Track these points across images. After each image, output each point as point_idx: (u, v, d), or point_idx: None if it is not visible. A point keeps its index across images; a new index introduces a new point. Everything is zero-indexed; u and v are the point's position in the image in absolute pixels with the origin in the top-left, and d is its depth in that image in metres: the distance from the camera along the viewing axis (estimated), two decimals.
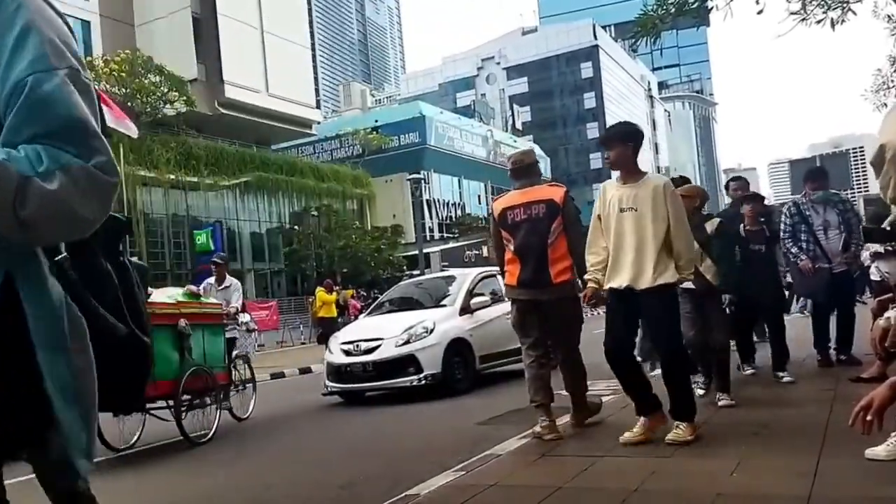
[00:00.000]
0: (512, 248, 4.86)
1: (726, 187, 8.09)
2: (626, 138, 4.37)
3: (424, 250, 29.29)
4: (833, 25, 6.04)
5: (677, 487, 3.57)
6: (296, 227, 33.27)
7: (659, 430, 4.38)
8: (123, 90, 25.83)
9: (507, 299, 5.48)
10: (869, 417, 2.07)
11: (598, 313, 6.52)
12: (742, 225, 6.30)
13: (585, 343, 5.22)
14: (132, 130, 24.08)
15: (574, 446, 4.65)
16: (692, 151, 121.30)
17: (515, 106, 73.87)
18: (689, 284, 4.77)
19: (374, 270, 33.15)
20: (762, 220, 6.50)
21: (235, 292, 8.24)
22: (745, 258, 6.00)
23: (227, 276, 8.49)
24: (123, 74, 25.83)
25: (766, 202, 7.00)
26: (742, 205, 6.56)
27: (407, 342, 8.18)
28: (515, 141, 58.65)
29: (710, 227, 5.45)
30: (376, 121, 44.84)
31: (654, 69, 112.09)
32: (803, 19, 5.94)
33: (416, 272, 25.19)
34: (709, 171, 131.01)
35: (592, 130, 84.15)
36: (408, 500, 3.80)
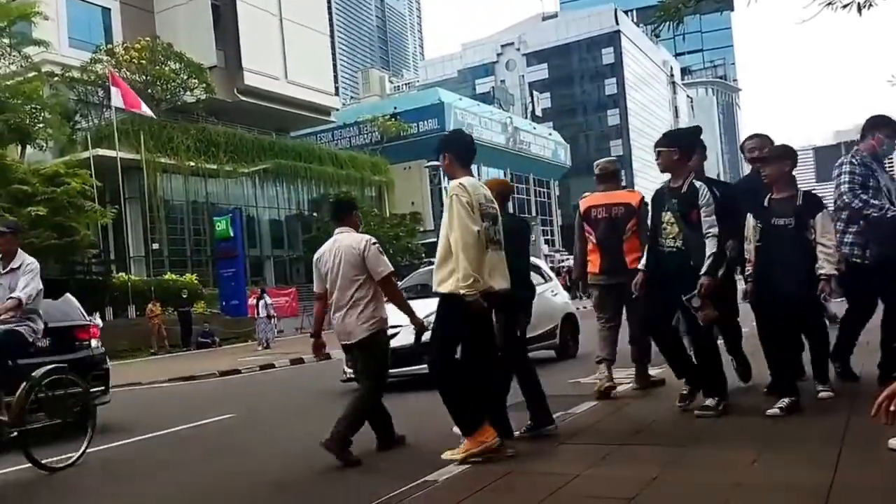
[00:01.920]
0: (594, 239, 5.74)
1: (741, 148, 6.09)
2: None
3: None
4: (860, 10, 5.88)
5: (695, 477, 3.53)
6: (314, 213, 33.41)
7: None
8: (143, 77, 26.04)
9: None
10: (892, 408, 2.02)
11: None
12: (769, 195, 4.84)
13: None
14: (147, 113, 24.02)
15: (592, 435, 4.63)
16: (715, 138, 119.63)
17: (535, 92, 73.34)
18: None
19: (393, 258, 33.18)
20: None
21: (25, 276, 5.75)
22: (764, 237, 4.75)
23: (21, 254, 5.94)
24: (143, 62, 26.05)
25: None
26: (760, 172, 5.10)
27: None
28: (535, 128, 58.34)
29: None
30: (395, 108, 44.77)
31: (676, 55, 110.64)
32: (829, 3, 5.77)
33: (434, 259, 25.20)
34: (732, 158, 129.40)
35: (613, 117, 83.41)
36: (426, 485, 3.80)
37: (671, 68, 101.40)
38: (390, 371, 8.39)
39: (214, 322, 22.25)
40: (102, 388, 7.39)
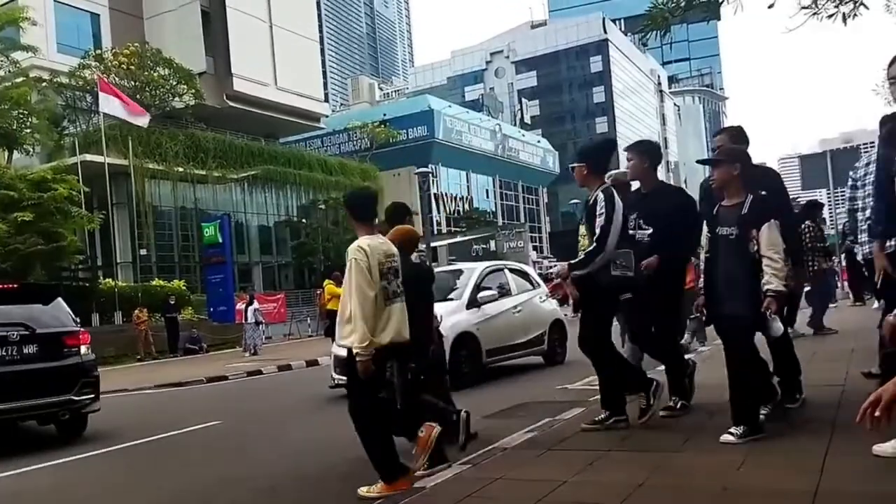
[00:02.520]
0: None
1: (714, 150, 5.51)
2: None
3: (432, 244, 29.28)
4: (845, 20, 5.94)
5: (683, 482, 3.56)
6: (304, 220, 33.32)
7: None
8: (132, 83, 25.90)
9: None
10: (877, 413, 2.05)
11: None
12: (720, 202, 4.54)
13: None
14: (145, 122, 23.76)
15: (580, 441, 4.63)
16: (702, 146, 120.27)
17: (524, 100, 73.61)
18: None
19: None
20: (756, 193, 4.37)
21: None
22: (711, 248, 4.46)
23: None
24: (132, 67, 25.91)
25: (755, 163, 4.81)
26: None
27: None
28: (524, 135, 58.56)
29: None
30: (384, 114, 44.79)
31: (664, 63, 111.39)
32: (815, 13, 5.83)
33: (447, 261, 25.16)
34: None
35: (602, 125, 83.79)
36: (414, 492, 3.81)
37: (658, 77, 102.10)
38: None
39: (202, 328, 22.12)
40: (92, 395, 7.34)
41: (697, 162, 5.28)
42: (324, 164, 35.37)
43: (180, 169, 27.25)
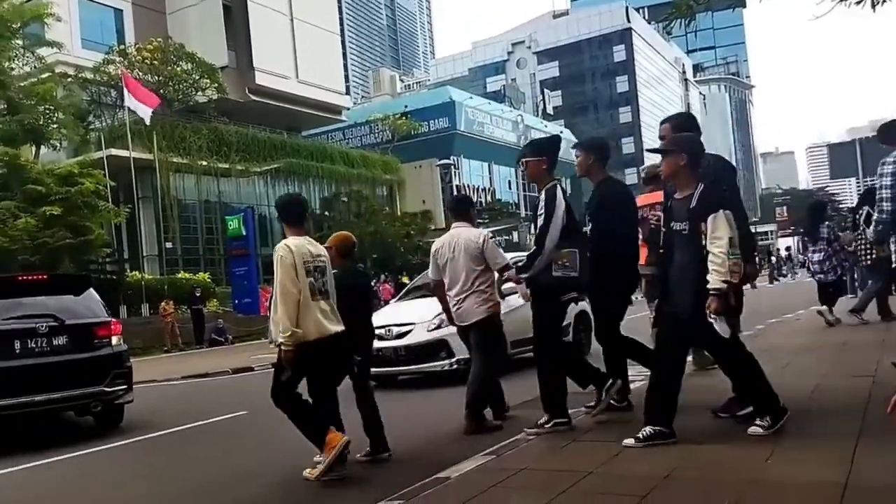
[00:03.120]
0: (641, 236, 5.96)
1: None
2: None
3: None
4: (874, 6, 5.78)
5: (709, 474, 3.50)
6: (326, 212, 33.47)
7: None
8: (156, 78, 26.16)
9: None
10: None
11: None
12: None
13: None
14: (146, 114, 23.80)
15: (604, 433, 4.59)
16: (728, 135, 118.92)
17: (546, 90, 73.13)
18: None
19: (404, 256, 33.23)
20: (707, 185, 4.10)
21: None
22: (665, 244, 4.31)
23: None
24: (155, 62, 26.14)
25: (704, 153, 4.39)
26: None
27: (438, 327, 8.14)
28: (546, 126, 58.18)
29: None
30: (406, 106, 44.72)
31: (688, 52, 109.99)
32: (842, 0, 5.69)
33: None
34: (745, 155, 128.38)
35: (625, 115, 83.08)
36: (438, 482, 3.81)
37: (683, 65, 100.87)
38: (403, 368, 8.54)
39: (227, 320, 22.35)
40: (125, 386, 7.25)
41: (648, 151, 5.20)
42: (346, 157, 35.49)
43: (204, 162, 27.52)
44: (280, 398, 4.59)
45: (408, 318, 8.59)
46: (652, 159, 6.63)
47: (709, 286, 3.88)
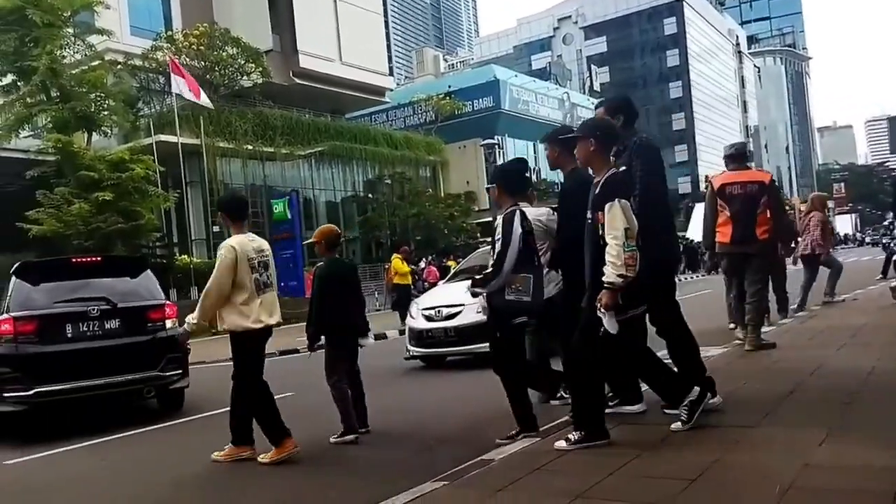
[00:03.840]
0: (728, 213, 6.46)
1: None
2: None
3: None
4: None
5: (761, 458, 3.39)
6: (370, 195, 33.58)
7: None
8: (202, 63, 26.46)
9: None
10: None
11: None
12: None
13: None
14: (206, 103, 24.08)
15: (651, 417, 4.47)
16: (784, 109, 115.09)
17: (593, 66, 71.67)
18: None
19: (448, 238, 33.11)
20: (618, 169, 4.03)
21: None
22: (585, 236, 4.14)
23: None
24: (202, 48, 26.43)
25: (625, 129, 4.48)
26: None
27: None
28: (593, 103, 57.06)
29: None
30: (449, 86, 44.34)
31: (742, 23, 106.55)
32: None
33: (490, 239, 24.99)
34: (801, 129, 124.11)
35: (675, 90, 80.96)
36: (482, 464, 3.79)
37: (737, 38, 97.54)
38: (452, 349, 8.53)
39: None
40: (180, 371, 7.11)
41: (560, 138, 4.72)
42: (389, 139, 35.46)
43: (249, 147, 27.81)
44: (241, 391, 5.02)
45: (457, 299, 8.56)
46: (730, 140, 6.53)
47: (603, 279, 3.69)
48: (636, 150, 4.40)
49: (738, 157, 6.86)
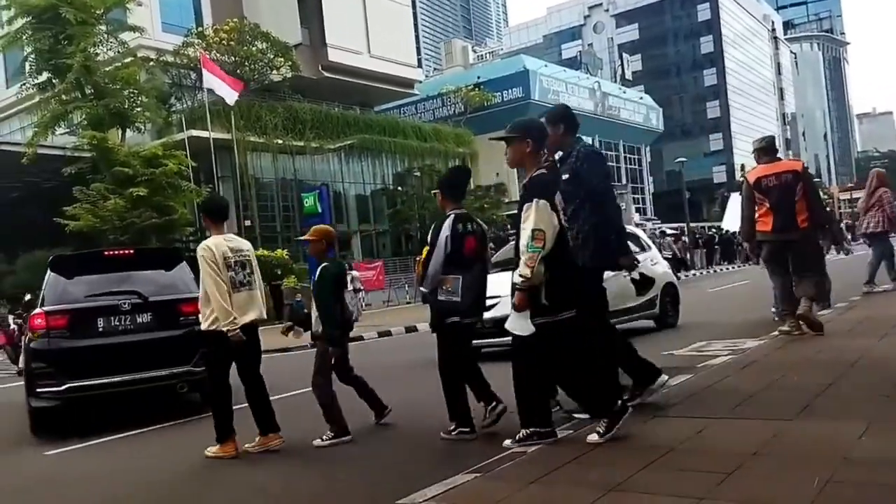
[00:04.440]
0: (768, 204, 6.62)
1: None
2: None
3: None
4: None
5: (800, 451, 3.31)
6: (399, 187, 33.56)
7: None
8: (232, 58, 26.66)
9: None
10: None
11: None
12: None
13: (700, 304, 4.91)
14: (232, 97, 24.13)
15: (687, 408, 4.38)
16: (821, 96, 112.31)
17: (625, 55, 70.54)
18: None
19: None
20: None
21: None
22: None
23: None
24: (232, 43, 26.63)
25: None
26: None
27: None
28: (624, 92, 56.31)
29: None
30: (478, 77, 44.08)
31: (778, 8, 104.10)
32: None
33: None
34: (840, 116, 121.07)
35: (710, 77, 79.47)
36: (515, 456, 3.77)
37: (773, 23, 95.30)
38: (490, 341, 8.45)
39: (305, 295, 22.76)
40: None
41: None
42: (418, 131, 35.38)
43: (280, 141, 27.99)
44: (211, 385, 5.18)
45: (494, 291, 8.45)
46: (767, 128, 6.47)
47: (514, 280, 3.75)
48: (584, 157, 4.45)
49: (769, 149, 7.04)
